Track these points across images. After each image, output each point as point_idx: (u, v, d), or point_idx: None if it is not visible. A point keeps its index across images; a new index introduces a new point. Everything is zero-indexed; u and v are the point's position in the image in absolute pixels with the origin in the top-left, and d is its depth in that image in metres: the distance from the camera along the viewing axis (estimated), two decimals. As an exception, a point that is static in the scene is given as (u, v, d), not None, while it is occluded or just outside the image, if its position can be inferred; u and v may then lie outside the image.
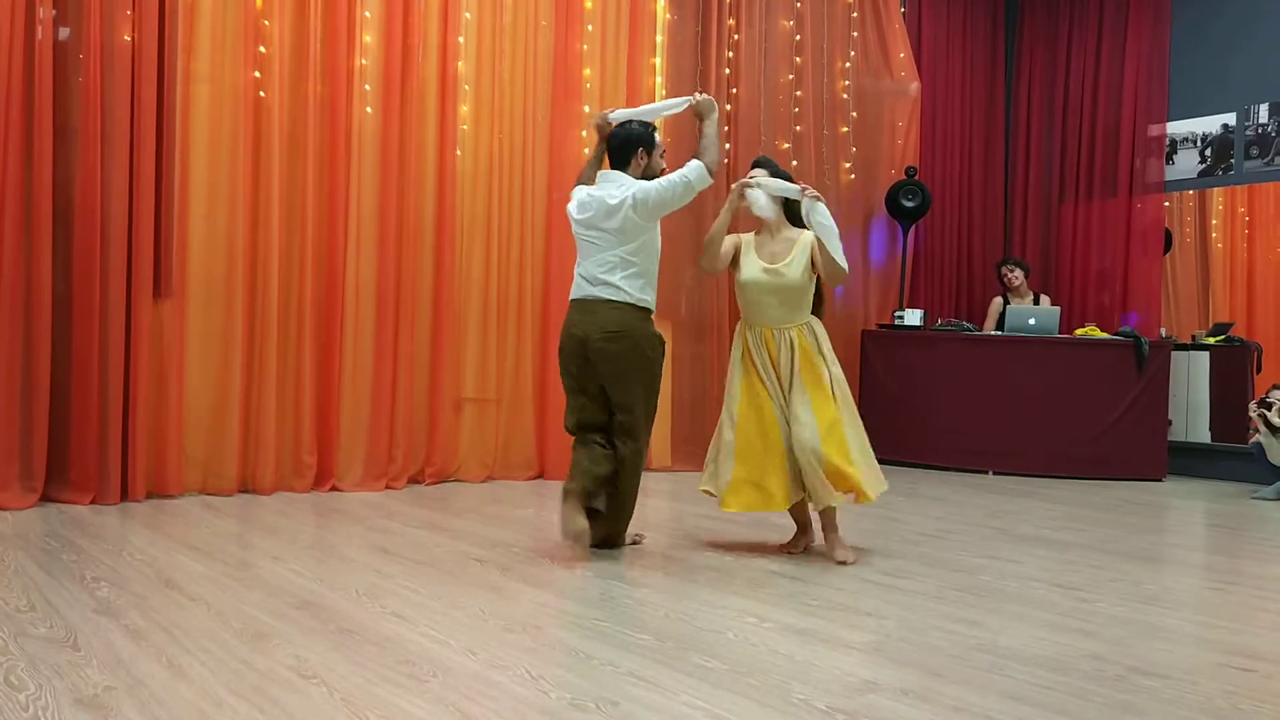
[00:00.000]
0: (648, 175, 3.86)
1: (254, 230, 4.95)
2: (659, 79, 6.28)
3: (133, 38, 4.55)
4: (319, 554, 3.69)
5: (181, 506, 4.53)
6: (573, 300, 3.84)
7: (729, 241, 3.95)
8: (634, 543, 4.06)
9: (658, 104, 4.18)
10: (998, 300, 7.36)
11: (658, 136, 3.93)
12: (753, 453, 3.82)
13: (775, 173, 3.98)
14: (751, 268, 3.88)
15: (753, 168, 4.01)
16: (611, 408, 3.82)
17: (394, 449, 5.30)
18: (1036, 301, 7.28)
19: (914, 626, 2.98)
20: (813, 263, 3.85)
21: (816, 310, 3.98)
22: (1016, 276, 7.25)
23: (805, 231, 3.90)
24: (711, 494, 3.92)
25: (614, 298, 3.73)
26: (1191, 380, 6.97)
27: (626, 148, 3.86)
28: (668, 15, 6.35)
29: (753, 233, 4.00)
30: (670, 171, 3.82)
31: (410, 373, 5.36)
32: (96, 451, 4.48)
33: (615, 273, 3.73)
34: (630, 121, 3.92)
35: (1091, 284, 7.57)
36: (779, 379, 3.85)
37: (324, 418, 5.13)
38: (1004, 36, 8.17)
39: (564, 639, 2.75)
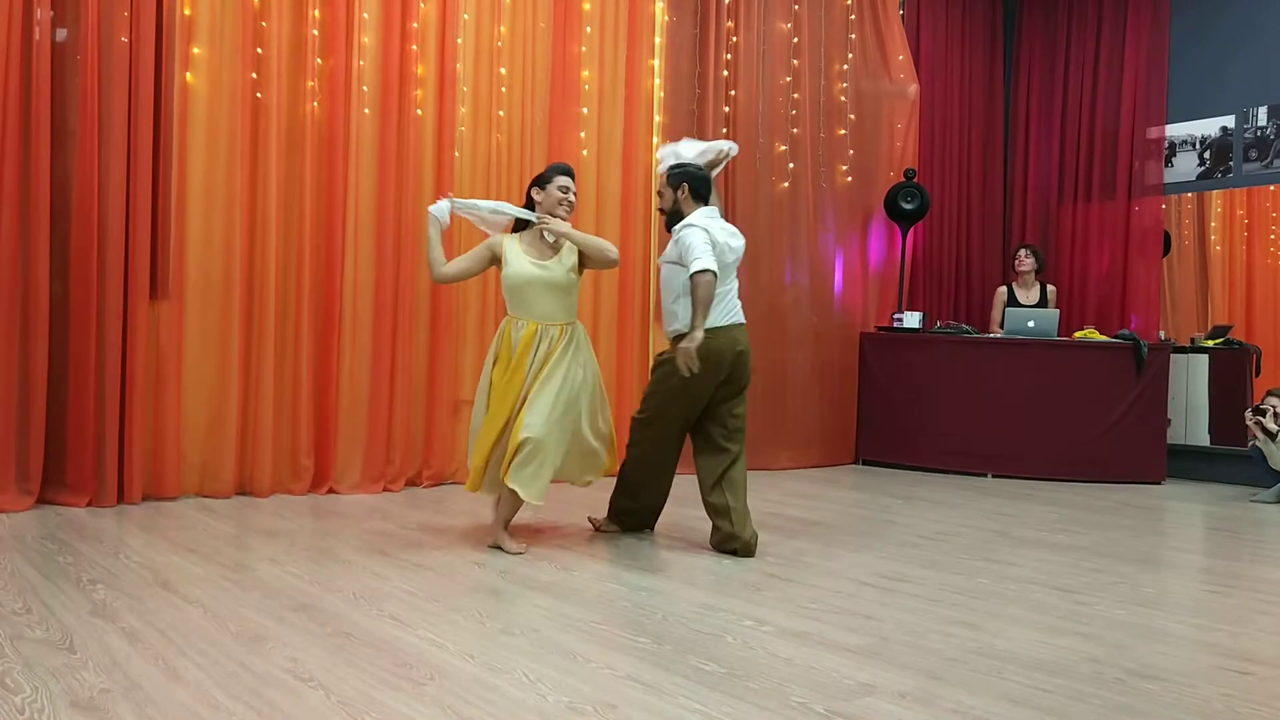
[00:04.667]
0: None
1: (251, 232, 4.95)
2: (657, 81, 6.27)
3: (130, 39, 4.54)
4: (316, 556, 3.68)
5: (178, 509, 4.52)
6: (739, 325, 4.09)
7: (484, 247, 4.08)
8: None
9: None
10: (1002, 290, 7.31)
11: None
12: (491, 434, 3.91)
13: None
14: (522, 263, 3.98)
15: (560, 174, 4.08)
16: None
17: (391, 451, 5.29)
18: (1043, 293, 7.20)
19: (912, 629, 2.98)
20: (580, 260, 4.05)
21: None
22: (1024, 262, 7.14)
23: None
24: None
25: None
26: (1191, 383, 6.96)
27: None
28: (666, 17, 6.34)
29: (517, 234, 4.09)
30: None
31: (408, 375, 5.35)
32: (93, 453, 4.47)
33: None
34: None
35: (1091, 286, 7.56)
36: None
37: (321, 420, 5.12)
38: (1003, 38, 8.17)
39: (562, 642, 2.74)
